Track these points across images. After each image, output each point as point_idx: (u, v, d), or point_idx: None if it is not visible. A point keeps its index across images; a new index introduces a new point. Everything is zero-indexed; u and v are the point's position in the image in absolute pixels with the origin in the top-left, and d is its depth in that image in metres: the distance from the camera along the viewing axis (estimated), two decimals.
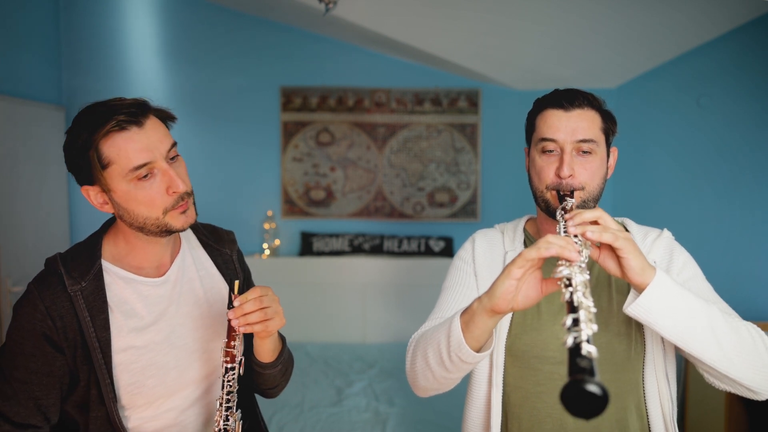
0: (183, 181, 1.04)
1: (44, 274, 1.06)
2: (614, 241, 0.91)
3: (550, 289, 0.91)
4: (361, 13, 3.28)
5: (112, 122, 0.98)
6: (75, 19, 3.96)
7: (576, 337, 0.70)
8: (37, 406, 1.03)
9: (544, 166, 1.14)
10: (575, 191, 1.11)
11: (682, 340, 0.95)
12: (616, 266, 0.95)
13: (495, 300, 0.91)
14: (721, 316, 0.97)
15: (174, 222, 1.05)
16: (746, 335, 0.98)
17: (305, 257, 4.06)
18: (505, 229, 1.30)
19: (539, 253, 0.86)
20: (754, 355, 0.97)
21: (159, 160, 1.01)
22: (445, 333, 1.01)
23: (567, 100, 1.13)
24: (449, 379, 1.07)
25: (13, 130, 3.26)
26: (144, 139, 1.00)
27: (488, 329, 0.96)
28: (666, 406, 1.12)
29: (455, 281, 1.25)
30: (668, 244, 1.18)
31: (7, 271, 3.12)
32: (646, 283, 0.93)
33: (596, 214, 0.93)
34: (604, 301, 1.15)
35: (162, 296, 1.13)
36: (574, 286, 0.79)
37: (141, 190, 1.01)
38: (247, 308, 1.01)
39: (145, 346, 1.09)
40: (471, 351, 0.97)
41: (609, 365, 1.12)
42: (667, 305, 0.93)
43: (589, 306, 0.76)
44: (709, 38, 3.22)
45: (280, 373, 1.20)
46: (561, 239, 0.86)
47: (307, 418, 2.76)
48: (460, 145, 4.14)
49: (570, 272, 0.82)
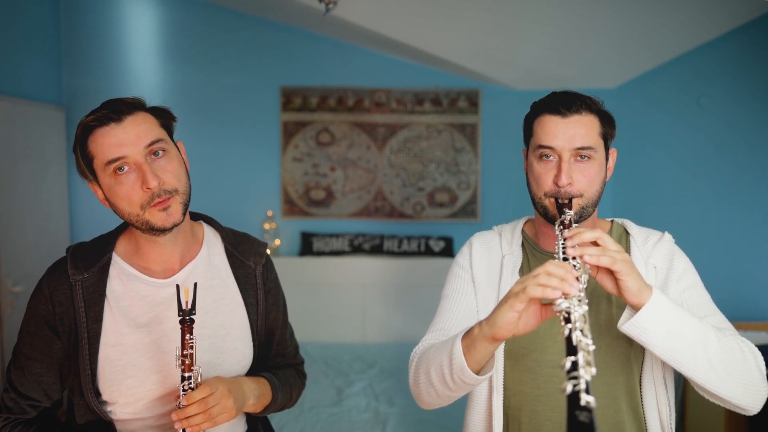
0: (162, 177, 1.03)
1: (59, 261, 1.12)
2: (612, 264, 0.92)
3: (549, 315, 0.92)
4: (361, 13, 3.28)
5: (91, 117, 1.03)
6: (75, 19, 3.96)
7: (575, 385, 0.70)
8: (38, 381, 1.09)
9: (542, 173, 1.12)
10: (574, 198, 1.10)
11: (673, 360, 0.96)
12: (613, 286, 0.96)
13: (496, 329, 0.93)
14: (715, 337, 0.97)
15: (153, 219, 1.04)
16: (738, 355, 0.99)
17: (305, 257, 4.06)
18: (503, 231, 1.29)
19: (544, 293, 0.86)
20: (744, 375, 0.98)
21: (134, 155, 1.02)
22: (447, 355, 1.02)
23: (564, 106, 1.11)
24: (453, 396, 1.09)
25: (13, 130, 3.26)
26: (120, 134, 1.02)
27: (489, 354, 0.98)
28: (663, 412, 1.12)
29: (453, 290, 1.25)
30: (669, 248, 1.18)
31: (7, 271, 3.12)
32: (642, 303, 0.94)
33: (596, 235, 0.94)
34: (603, 305, 1.15)
35: (162, 298, 1.12)
36: (573, 322, 0.80)
37: (119, 185, 1.03)
38: (190, 411, 0.98)
39: (132, 345, 1.09)
40: (473, 374, 0.99)
41: (607, 368, 1.12)
42: (661, 326, 0.94)
43: (588, 345, 0.77)
44: (709, 38, 3.22)
45: (278, 409, 1.23)
46: (560, 269, 0.87)
47: (307, 418, 2.76)
48: (460, 145, 4.14)
49: (569, 305, 0.83)
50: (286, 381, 1.26)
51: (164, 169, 1.04)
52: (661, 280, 1.14)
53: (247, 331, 1.19)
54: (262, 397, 1.16)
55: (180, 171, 1.08)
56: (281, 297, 1.30)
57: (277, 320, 1.27)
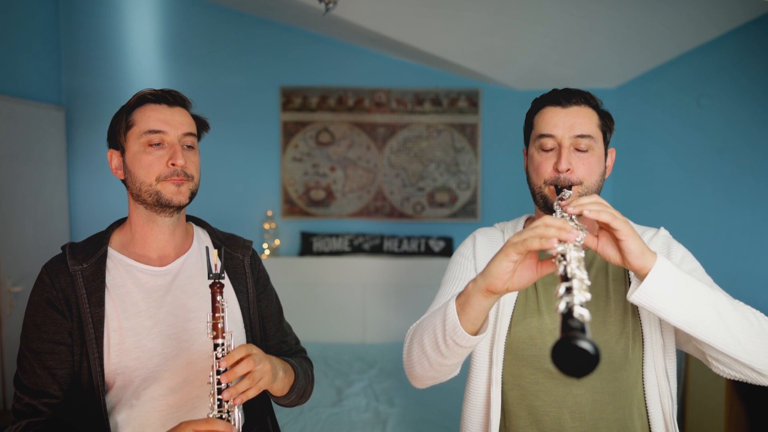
0: (188, 163, 1.15)
1: (55, 257, 1.17)
2: (612, 220, 0.91)
3: (546, 270, 0.91)
4: (361, 13, 3.29)
5: (150, 91, 1.16)
6: (75, 19, 3.96)
7: (569, 302, 0.69)
8: (52, 375, 1.09)
9: (542, 162, 1.15)
10: (573, 186, 1.11)
11: (689, 325, 0.94)
12: (616, 252, 0.94)
13: (490, 279, 0.91)
14: (727, 300, 0.97)
15: (165, 191, 1.13)
16: (753, 319, 0.98)
17: (305, 257, 4.06)
18: (505, 228, 1.30)
19: (541, 244, 0.85)
20: (763, 339, 0.96)
21: (172, 135, 1.15)
22: (441, 317, 1.01)
23: (564, 97, 1.15)
24: (444, 365, 1.06)
25: (13, 130, 3.26)
26: (168, 115, 1.15)
27: (484, 310, 0.96)
28: (666, 404, 1.12)
29: (455, 275, 1.25)
30: (665, 241, 1.18)
31: (7, 271, 3.12)
32: (648, 267, 0.92)
33: (593, 199, 0.94)
34: (601, 301, 1.15)
35: (160, 286, 1.17)
36: (568, 260, 0.79)
37: (146, 155, 1.13)
38: (240, 371, 0.99)
39: (133, 329, 1.13)
40: (466, 334, 0.97)
41: (608, 365, 1.13)
42: (671, 289, 0.92)
43: (583, 278, 0.75)
44: (709, 38, 3.22)
45: (297, 397, 1.23)
46: (558, 220, 0.86)
47: (307, 418, 2.76)
48: (460, 145, 4.14)
49: (565, 248, 0.82)
50: (300, 364, 1.29)
51: (189, 159, 1.17)
52: None
53: (239, 316, 1.25)
54: (287, 372, 1.18)
55: (198, 167, 1.21)
56: (271, 287, 1.37)
57: (269, 308, 1.33)
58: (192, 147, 1.19)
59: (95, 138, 3.94)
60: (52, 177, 3.67)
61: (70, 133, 3.92)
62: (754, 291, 2.95)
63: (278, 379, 1.12)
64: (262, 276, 1.34)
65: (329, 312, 3.99)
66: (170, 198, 1.13)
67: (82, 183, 3.98)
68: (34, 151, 3.47)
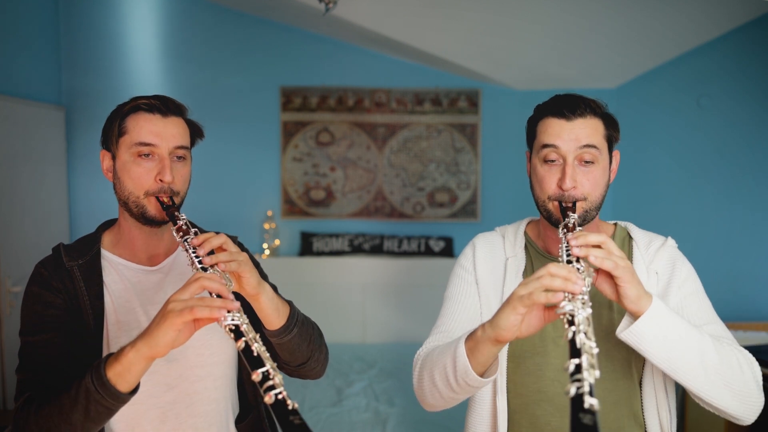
0: (175, 178, 1.12)
1: (48, 256, 1.16)
2: (614, 269, 0.92)
3: (552, 318, 0.92)
4: (361, 13, 3.29)
5: (143, 99, 1.14)
6: (75, 19, 3.96)
7: (579, 387, 0.70)
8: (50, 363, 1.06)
9: (545, 176, 1.12)
10: (578, 202, 1.10)
11: (669, 369, 0.96)
12: (613, 292, 0.95)
13: (499, 331, 0.93)
14: (712, 347, 0.98)
15: (150, 207, 1.11)
16: (735, 365, 0.99)
17: (305, 257, 4.05)
18: (505, 232, 1.28)
19: (547, 298, 0.86)
20: (740, 386, 0.98)
21: (163, 148, 1.12)
22: (451, 358, 1.02)
23: (568, 109, 1.11)
24: (457, 399, 1.09)
25: (13, 130, 3.26)
26: (160, 126, 1.13)
27: (493, 355, 0.98)
28: (664, 417, 1.12)
29: (457, 291, 1.24)
30: (672, 254, 1.17)
31: (7, 271, 3.12)
32: (641, 311, 0.94)
33: (600, 239, 0.94)
34: (605, 309, 1.15)
35: (152, 283, 1.18)
36: (577, 324, 0.80)
37: (136, 166, 1.11)
38: (209, 236, 0.99)
39: (128, 323, 1.14)
40: (477, 377, 0.99)
41: (608, 374, 1.12)
42: (660, 335, 0.94)
43: (592, 347, 0.76)
44: (709, 38, 3.22)
45: (301, 339, 1.14)
46: (564, 270, 0.87)
47: (307, 419, 2.76)
48: (460, 145, 4.14)
49: (573, 308, 0.82)
50: (301, 313, 1.22)
51: (179, 173, 1.14)
52: (663, 287, 1.14)
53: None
54: (276, 298, 1.10)
55: (187, 179, 1.18)
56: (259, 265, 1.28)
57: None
58: (183, 158, 1.16)
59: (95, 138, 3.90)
60: (52, 177, 3.67)
61: (70, 134, 3.92)
62: (754, 291, 2.95)
63: (266, 292, 1.05)
64: (249, 255, 1.27)
65: (329, 312, 3.98)
66: (154, 215, 1.12)
67: (81, 183, 3.98)
68: (34, 151, 3.47)
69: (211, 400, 1.18)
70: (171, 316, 0.89)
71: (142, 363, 0.93)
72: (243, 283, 1.02)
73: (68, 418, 0.96)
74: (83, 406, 0.94)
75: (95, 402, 0.93)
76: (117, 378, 0.93)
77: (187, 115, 1.21)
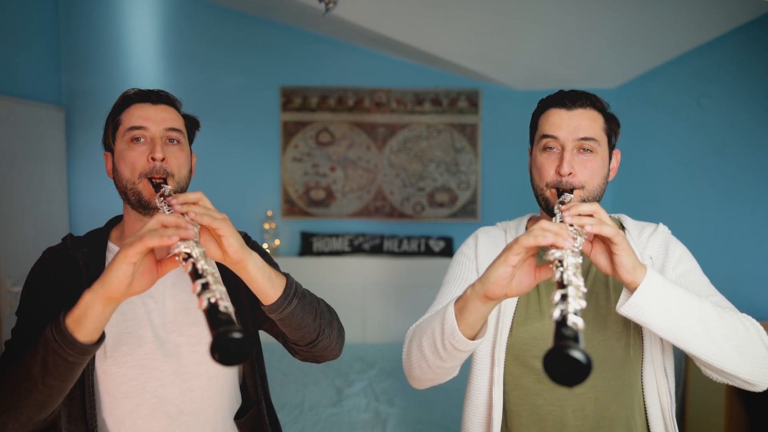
0: (169, 159, 1.13)
1: (54, 246, 1.19)
2: (614, 235, 0.91)
3: (543, 275, 0.90)
4: (361, 13, 3.29)
5: (134, 91, 1.16)
6: (75, 19, 3.96)
7: (563, 309, 0.70)
8: None
9: (544, 164, 1.14)
10: (575, 189, 1.11)
11: (676, 338, 0.95)
12: (608, 262, 0.95)
13: (489, 285, 0.91)
14: (715, 312, 0.97)
15: (144, 190, 1.10)
16: (741, 329, 0.98)
17: (305, 257, 4.05)
18: (507, 227, 1.30)
19: (536, 240, 0.85)
20: (750, 348, 0.97)
21: (153, 130, 1.13)
22: (440, 321, 1.01)
23: (570, 99, 1.14)
24: (443, 368, 1.06)
25: (13, 130, 3.26)
26: (151, 112, 1.15)
27: (482, 316, 0.96)
28: (665, 401, 1.13)
29: (456, 275, 1.25)
30: (664, 238, 1.19)
31: (7, 271, 3.12)
32: (637, 281, 0.93)
33: (592, 208, 0.93)
34: (602, 299, 1.16)
35: None
36: (565, 266, 0.79)
37: (130, 151, 1.12)
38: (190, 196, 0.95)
39: (126, 313, 1.14)
40: (464, 338, 0.97)
41: (607, 364, 1.13)
42: (659, 304, 0.93)
43: (579, 285, 0.75)
44: (709, 38, 3.22)
45: (304, 312, 1.06)
46: (556, 226, 0.86)
47: (307, 419, 2.76)
48: (460, 145, 4.14)
49: (562, 254, 0.82)
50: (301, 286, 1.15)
51: (172, 154, 1.14)
52: (658, 269, 1.14)
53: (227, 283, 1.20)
54: (267, 267, 1.03)
55: (184, 164, 1.17)
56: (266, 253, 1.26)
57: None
58: (177, 142, 1.16)
59: (95, 138, 3.93)
60: (52, 177, 3.67)
61: (70, 133, 3.92)
62: (754, 291, 2.95)
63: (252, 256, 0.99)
64: (255, 247, 1.25)
65: None
66: (149, 199, 1.10)
67: (82, 183, 3.98)
68: (34, 151, 3.47)
69: (205, 398, 1.17)
70: (123, 248, 0.86)
71: (99, 305, 0.89)
72: (224, 246, 0.94)
73: (29, 372, 0.93)
74: (42, 357, 0.91)
75: (53, 352, 0.90)
76: (75, 324, 0.89)
77: (181, 108, 1.22)
